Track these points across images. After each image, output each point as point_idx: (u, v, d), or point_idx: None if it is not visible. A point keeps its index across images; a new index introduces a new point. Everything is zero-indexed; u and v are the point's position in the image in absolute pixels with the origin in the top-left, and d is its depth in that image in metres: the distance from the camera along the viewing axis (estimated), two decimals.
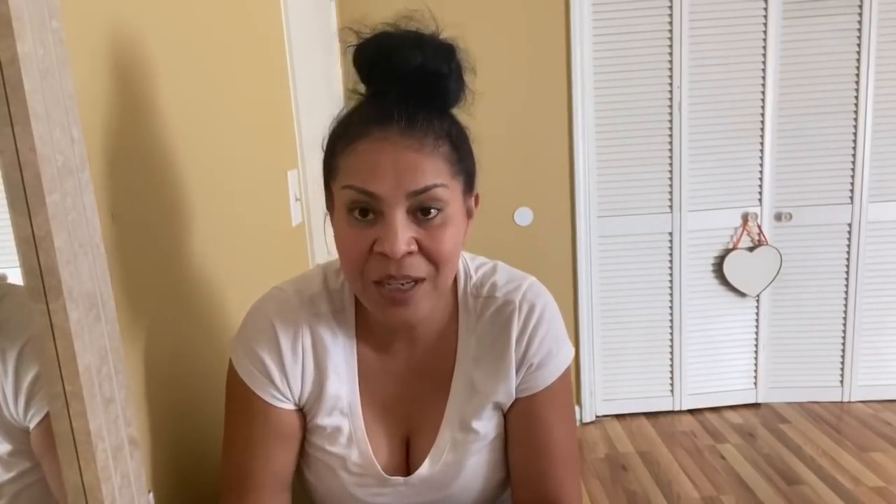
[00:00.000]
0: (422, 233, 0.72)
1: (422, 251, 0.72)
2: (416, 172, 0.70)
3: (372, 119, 0.71)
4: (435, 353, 0.85)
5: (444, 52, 0.72)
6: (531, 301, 0.83)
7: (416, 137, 0.70)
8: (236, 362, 0.82)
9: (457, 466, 0.84)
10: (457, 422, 0.84)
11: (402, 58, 0.71)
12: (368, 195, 0.70)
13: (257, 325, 0.82)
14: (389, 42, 0.72)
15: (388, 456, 0.85)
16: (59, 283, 0.58)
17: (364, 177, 0.70)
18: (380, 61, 0.72)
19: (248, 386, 0.81)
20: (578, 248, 2.87)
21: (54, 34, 0.59)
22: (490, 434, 0.85)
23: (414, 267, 0.72)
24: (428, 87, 0.72)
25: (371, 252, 0.71)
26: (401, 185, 0.69)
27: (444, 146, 0.72)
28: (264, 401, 0.81)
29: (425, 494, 0.85)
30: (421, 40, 0.72)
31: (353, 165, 0.71)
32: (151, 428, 0.82)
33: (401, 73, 0.71)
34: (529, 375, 0.83)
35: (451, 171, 0.73)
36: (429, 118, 0.72)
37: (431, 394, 0.85)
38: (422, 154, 0.70)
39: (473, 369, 0.83)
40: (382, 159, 0.70)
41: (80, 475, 0.62)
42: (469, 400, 0.84)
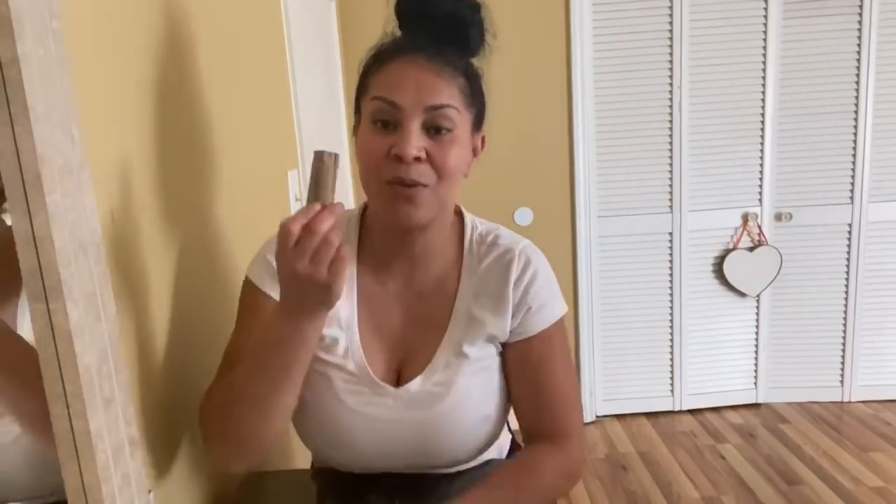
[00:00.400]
0: (432, 145, 0.82)
1: (430, 160, 0.82)
2: (434, 91, 0.82)
3: (403, 46, 0.85)
4: (438, 285, 0.93)
5: (472, 5, 0.89)
6: (528, 255, 0.92)
7: (438, 64, 0.83)
8: (250, 273, 0.90)
9: (446, 387, 0.88)
10: (451, 347, 0.89)
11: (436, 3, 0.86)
12: (391, 104, 0.81)
13: (269, 243, 0.89)
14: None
15: (383, 373, 0.90)
16: (59, 283, 0.58)
17: (390, 89, 0.82)
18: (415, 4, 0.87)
19: (257, 285, 0.88)
20: (578, 248, 2.87)
21: (54, 34, 0.59)
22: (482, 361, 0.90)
23: (421, 173, 0.82)
24: (454, 31, 0.86)
25: (388, 155, 0.81)
26: (420, 100, 0.81)
27: (460, 78, 0.85)
28: (269, 295, 0.87)
29: (414, 410, 0.88)
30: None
31: (382, 80, 0.83)
32: (151, 428, 0.82)
33: (433, 16, 0.85)
34: (526, 318, 0.90)
35: (463, 100, 0.85)
36: (451, 54, 0.85)
37: (430, 321, 0.91)
38: (441, 78, 0.83)
39: (473, 302, 0.91)
40: (407, 76, 0.82)
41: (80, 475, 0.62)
42: (466, 328, 0.90)
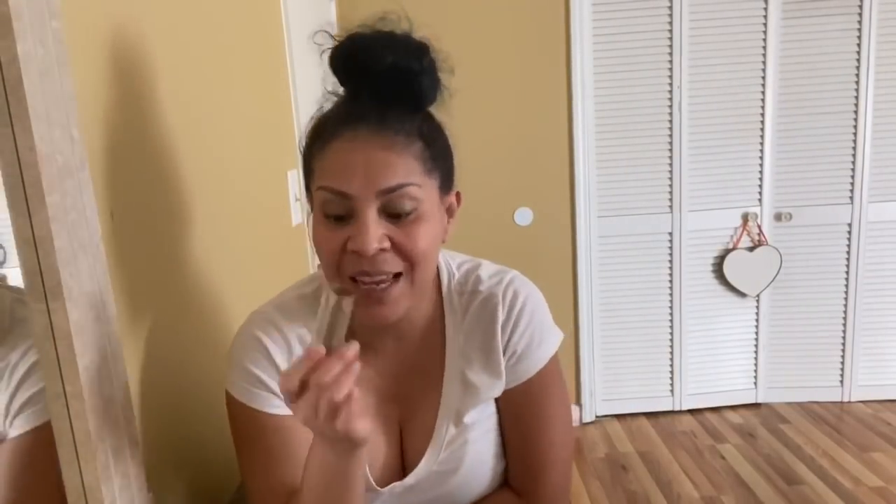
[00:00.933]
0: (395, 230, 0.72)
1: (395, 248, 0.72)
2: (387, 170, 0.70)
3: (344, 119, 0.72)
4: (423, 351, 0.85)
5: (415, 51, 0.73)
6: (514, 291, 0.84)
7: (386, 136, 0.71)
8: (234, 389, 0.80)
9: (455, 462, 0.84)
10: (451, 418, 0.84)
11: (373, 56, 0.71)
12: (340, 195, 0.71)
13: (245, 346, 0.81)
14: (362, 42, 0.73)
15: (385, 458, 0.85)
16: (59, 283, 0.58)
17: (336, 177, 0.71)
18: (352, 61, 0.73)
19: (253, 407, 0.79)
20: (578, 248, 2.87)
21: (54, 34, 0.59)
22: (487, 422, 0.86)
23: (388, 262, 0.72)
24: (400, 86, 0.72)
25: (345, 250, 0.72)
26: (371, 184, 0.70)
27: (415, 144, 0.73)
28: (272, 414, 0.79)
29: (426, 492, 0.85)
30: (392, 39, 0.72)
31: (326, 166, 0.72)
32: (151, 428, 0.82)
33: (372, 72, 0.72)
34: (514, 366, 0.84)
35: (423, 168, 0.73)
36: (400, 117, 0.72)
37: (423, 392, 0.85)
38: (392, 152, 0.71)
39: (463, 363, 0.84)
40: (353, 158, 0.70)
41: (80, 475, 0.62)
42: (463, 395, 0.84)
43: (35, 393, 0.64)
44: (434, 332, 0.85)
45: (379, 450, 0.85)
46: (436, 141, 0.76)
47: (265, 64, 1.48)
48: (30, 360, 0.64)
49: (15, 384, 0.64)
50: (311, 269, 1.71)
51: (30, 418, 0.64)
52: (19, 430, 0.64)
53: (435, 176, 0.75)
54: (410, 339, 0.84)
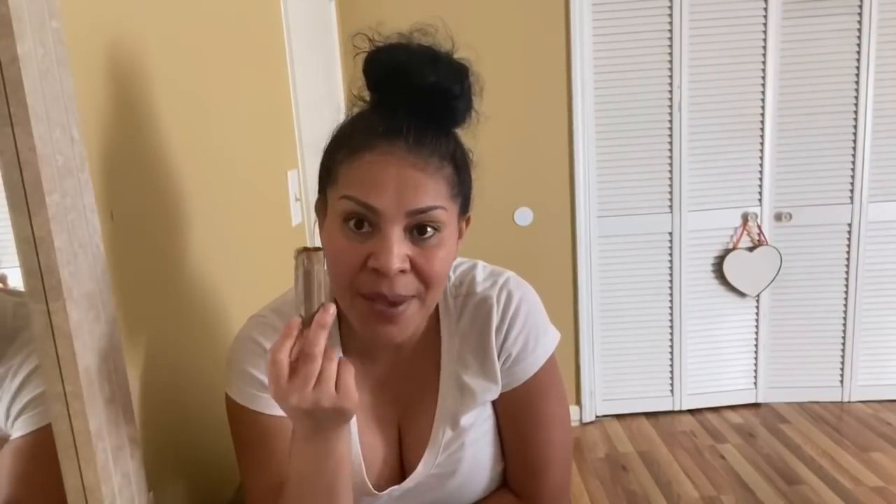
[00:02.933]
0: (416, 251, 0.71)
1: (414, 269, 0.71)
2: (419, 191, 0.69)
3: (379, 131, 0.70)
4: (419, 355, 0.84)
5: (457, 73, 0.72)
6: (509, 293, 0.83)
7: (422, 156, 0.70)
8: (233, 392, 0.80)
9: (453, 465, 0.84)
10: (448, 421, 0.84)
11: (417, 74, 0.70)
12: (368, 208, 0.69)
13: (244, 349, 0.80)
14: (405, 56, 0.71)
15: (383, 462, 0.85)
16: (59, 283, 0.58)
17: (366, 189, 0.69)
18: (393, 74, 0.71)
19: (253, 409, 0.79)
20: (578, 248, 2.87)
21: (54, 34, 0.59)
22: (484, 424, 0.86)
23: (405, 285, 0.71)
24: (438, 106, 0.72)
25: (364, 266, 0.70)
26: (402, 203, 0.69)
27: (447, 168, 0.72)
28: (273, 416, 0.78)
29: (424, 494, 0.85)
30: (436, 58, 0.71)
31: (356, 176, 0.70)
32: (151, 428, 0.82)
33: (412, 89, 0.70)
34: (510, 368, 0.83)
35: (450, 193, 0.72)
36: (436, 138, 0.72)
37: (420, 396, 0.85)
38: (426, 174, 0.70)
39: (459, 367, 0.84)
40: (386, 174, 0.69)
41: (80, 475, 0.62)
42: (459, 399, 0.83)
43: (37, 395, 0.64)
44: (430, 336, 0.84)
45: (377, 453, 0.84)
46: (464, 166, 0.76)
47: (265, 64, 1.48)
48: (32, 363, 0.64)
49: (17, 386, 0.64)
50: None
51: (31, 420, 0.65)
52: (21, 431, 0.65)
53: (458, 201, 0.75)
54: (407, 343, 0.84)
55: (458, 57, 0.74)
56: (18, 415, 0.65)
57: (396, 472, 0.86)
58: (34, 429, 0.64)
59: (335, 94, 2.39)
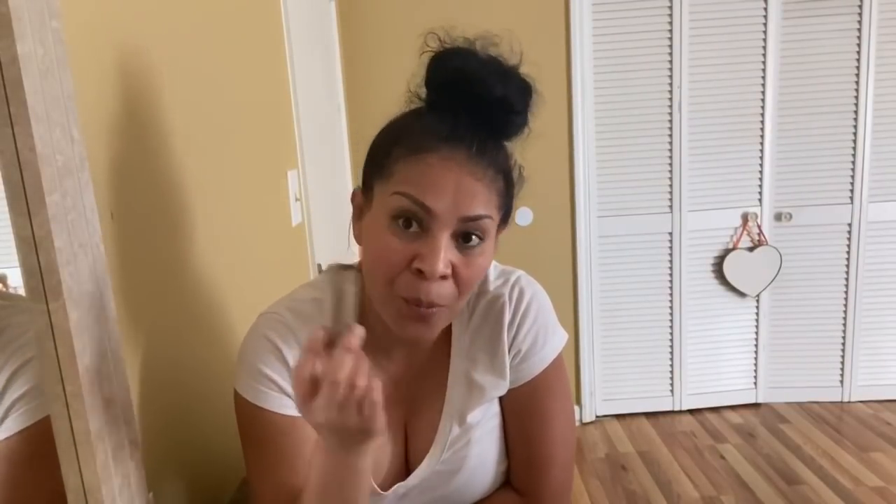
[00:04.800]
0: (459, 258, 0.72)
1: (454, 275, 0.72)
2: (474, 199, 0.71)
3: (443, 135, 0.71)
4: (430, 354, 0.85)
5: (525, 89, 0.75)
6: (521, 290, 0.84)
7: (481, 166, 0.71)
8: (244, 390, 0.79)
9: (458, 462, 0.85)
10: (455, 418, 0.84)
11: (487, 85, 0.71)
12: (423, 208, 0.70)
13: (257, 347, 0.79)
14: (475, 65, 0.72)
15: (389, 460, 0.85)
16: (59, 283, 0.58)
17: (423, 189, 0.70)
18: (460, 81, 0.72)
19: (265, 408, 0.78)
20: (578, 248, 2.87)
21: (54, 34, 0.59)
22: (490, 421, 0.86)
23: (442, 294, 0.72)
24: (500, 119, 0.73)
25: (408, 266, 0.71)
26: (457, 208, 0.70)
27: (500, 181, 0.74)
28: (284, 415, 0.78)
29: (428, 492, 0.86)
30: (506, 73, 0.73)
31: (414, 176, 0.71)
32: (151, 428, 0.82)
33: (479, 99, 0.71)
34: (518, 365, 0.84)
35: (499, 204, 0.74)
36: (496, 150, 0.74)
37: (428, 393, 0.85)
38: (482, 183, 0.71)
39: (469, 366, 0.84)
40: (446, 177, 0.70)
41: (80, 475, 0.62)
42: (467, 395, 0.84)
43: (23, 394, 0.64)
44: (441, 334, 0.84)
45: (384, 452, 0.84)
46: (514, 181, 0.79)
47: (265, 64, 1.48)
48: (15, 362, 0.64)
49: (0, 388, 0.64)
50: (311, 268, 1.71)
51: (18, 420, 0.64)
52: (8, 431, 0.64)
53: (501, 213, 0.76)
54: (422, 343, 0.84)
55: (524, 74, 0.76)
56: (4, 416, 0.64)
57: (401, 470, 0.86)
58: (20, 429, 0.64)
59: (335, 94, 2.39)
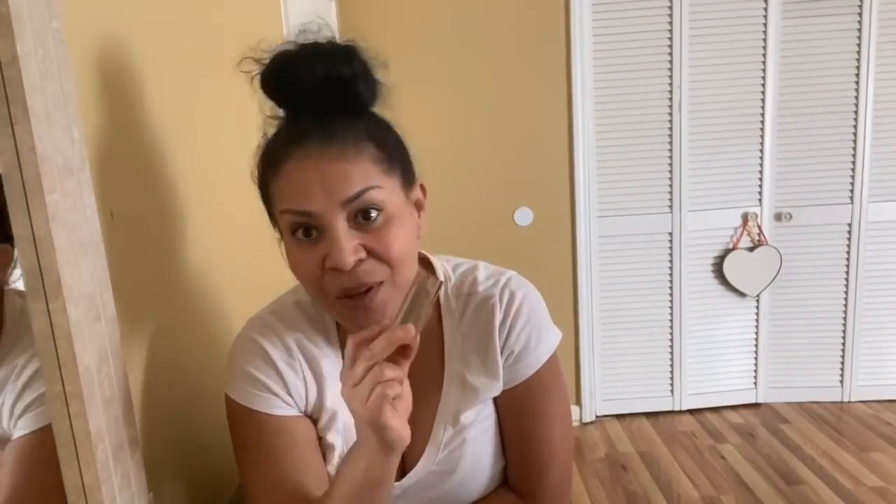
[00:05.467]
0: (367, 237, 0.71)
1: (371, 255, 0.72)
2: (344, 181, 0.69)
3: (290, 139, 0.72)
4: (422, 355, 0.84)
5: (343, 56, 0.72)
6: (511, 291, 0.84)
7: (335, 146, 0.70)
8: (235, 393, 0.80)
9: (453, 462, 0.85)
10: (449, 419, 0.84)
11: (303, 70, 0.71)
12: (305, 215, 0.70)
13: (244, 350, 0.81)
14: (288, 60, 0.72)
15: None
16: (59, 283, 0.58)
17: (296, 198, 0.70)
18: (282, 80, 0.73)
19: (255, 409, 0.79)
20: (578, 248, 2.87)
21: (54, 34, 0.59)
22: (485, 421, 0.86)
23: (368, 273, 0.71)
24: (337, 95, 0.72)
25: (323, 268, 0.71)
26: (332, 197, 0.69)
27: (367, 148, 0.72)
28: (276, 416, 0.79)
29: (424, 491, 0.85)
30: (318, 49, 0.72)
31: (283, 189, 0.72)
32: (151, 428, 0.82)
33: (307, 87, 0.71)
34: (512, 365, 0.84)
35: (380, 170, 0.72)
36: (345, 125, 0.72)
37: (422, 395, 0.84)
38: (345, 161, 0.70)
39: (462, 367, 0.84)
40: (307, 176, 0.70)
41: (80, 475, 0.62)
42: (461, 397, 0.84)
43: (40, 394, 0.64)
44: (433, 336, 0.85)
45: None
46: (387, 140, 0.75)
47: None
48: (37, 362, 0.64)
49: (21, 386, 0.65)
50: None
51: (34, 419, 0.65)
52: (23, 430, 0.65)
53: (394, 174, 0.74)
54: None
55: (341, 41, 0.74)
56: (22, 414, 0.65)
57: (397, 471, 0.86)
58: (37, 428, 0.65)
59: None
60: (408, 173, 0.78)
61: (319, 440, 0.83)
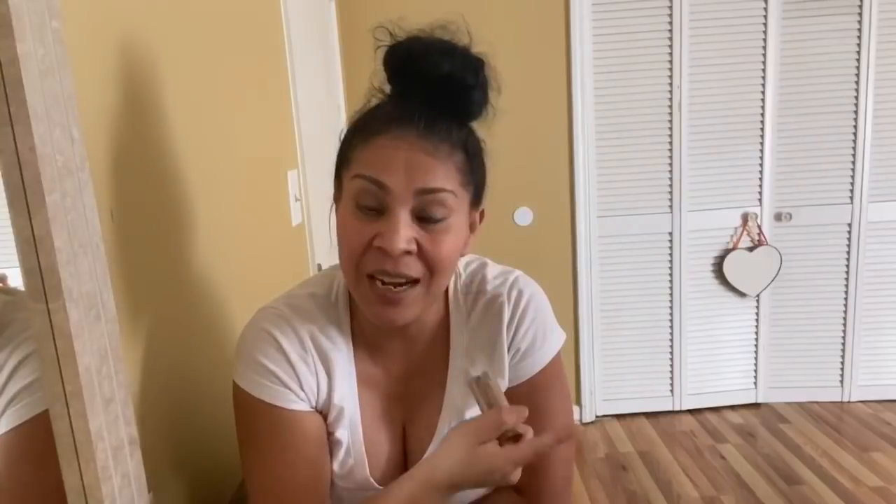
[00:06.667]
0: (423, 235, 0.72)
1: (420, 253, 0.72)
2: (428, 173, 0.71)
3: (393, 117, 0.73)
4: (429, 351, 0.85)
5: (472, 64, 0.74)
6: (519, 290, 0.85)
7: (432, 142, 0.72)
8: (243, 381, 0.78)
9: None
10: (454, 416, 0.84)
11: (431, 63, 0.72)
12: (378, 185, 0.71)
13: (257, 339, 0.79)
14: (420, 46, 0.73)
15: (388, 457, 0.85)
16: (59, 283, 0.58)
17: (377, 168, 0.71)
18: (408, 64, 0.74)
19: (266, 401, 0.77)
20: (578, 248, 2.87)
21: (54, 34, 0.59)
22: None
23: (409, 266, 0.72)
24: (452, 96, 0.74)
25: (370, 245, 0.72)
26: (411, 182, 0.70)
27: (458, 155, 0.74)
28: (286, 409, 0.78)
29: None
30: (452, 49, 0.73)
31: (368, 157, 0.72)
32: (151, 428, 0.82)
33: (427, 78, 0.72)
34: (514, 366, 0.85)
35: (461, 180, 0.74)
36: (448, 126, 0.73)
37: (427, 392, 0.85)
38: (435, 158, 0.72)
39: (468, 365, 0.84)
40: (397, 155, 0.71)
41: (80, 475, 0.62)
42: (466, 394, 0.84)
43: (22, 388, 0.64)
44: (440, 333, 0.85)
45: (382, 449, 0.85)
46: (477, 156, 0.78)
47: (265, 64, 1.48)
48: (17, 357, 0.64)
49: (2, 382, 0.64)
50: (311, 268, 1.71)
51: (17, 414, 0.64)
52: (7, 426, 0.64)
53: (469, 190, 0.77)
54: (418, 340, 0.85)
55: (474, 50, 0.76)
56: (4, 409, 0.64)
57: (400, 469, 0.86)
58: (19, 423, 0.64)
59: (335, 94, 2.39)
60: (479, 193, 0.80)
61: (328, 436, 0.82)
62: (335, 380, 0.81)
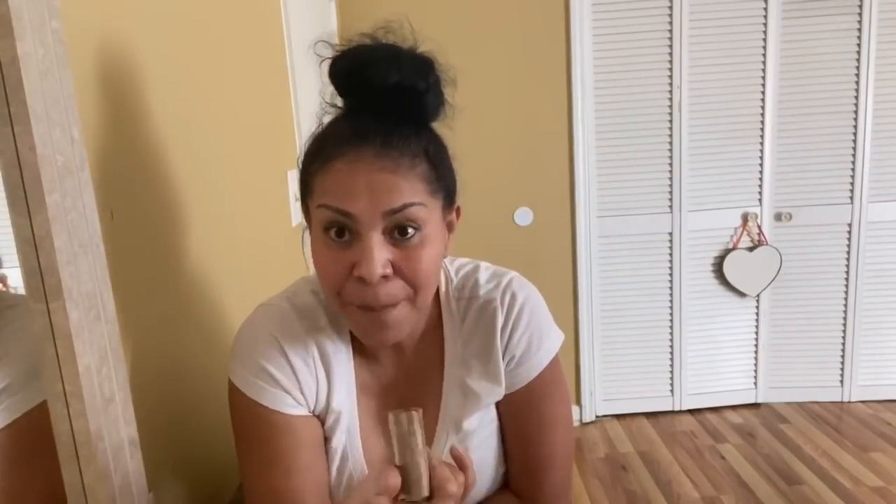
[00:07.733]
0: (398, 254, 0.70)
1: (398, 273, 0.70)
2: (392, 192, 0.68)
3: (347, 138, 0.70)
4: (422, 359, 0.84)
5: (421, 68, 0.70)
6: (513, 294, 0.82)
7: (391, 157, 0.68)
8: (241, 382, 0.77)
9: None
10: (451, 425, 0.83)
11: (378, 73, 0.68)
12: (344, 214, 0.68)
13: (258, 340, 0.78)
14: (366, 56, 0.70)
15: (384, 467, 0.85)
16: (59, 283, 0.58)
17: (339, 196, 0.68)
18: (354, 76, 0.70)
19: (264, 404, 0.76)
20: (578, 248, 2.87)
21: (54, 34, 0.59)
22: (487, 427, 0.85)
23: (391, 294, 0.70)
24: (405, 104, 0.70)
25: (350, 275, 0.70)
26: (376, 205, 0.68)
27: (420, 165, 0.71)
28: (285, 414, 0.77)
29: None
30: (398, 55, 0.70)
31: (328, 185, 0.69)
32: (151, 428, 0.82)
33: (377, 89, 0.69)
34: (510, 372, 0.83)
35: (428, 189, 0.71)
36: (405, 136, 0.70)
37: (423, 400, 0.83)
38: (397, 174, 0.68)
39: (463, 373, 0.83)
40: (357, 179, 0.68)
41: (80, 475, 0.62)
42: (463, 403, 0.83)
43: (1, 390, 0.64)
44: (433, 340, 0.84)
45: (379, 459, 0.83)
46: (440, 160, 0.74)
47: (266, 65, 1.48)
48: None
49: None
50: (310, 268, 1.70)
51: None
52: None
53: (439, 196, 0.74)
54: (410, 347, 0.83)
55: (421, 52, 0.72)
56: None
57: None
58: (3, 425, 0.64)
59: None
60: (450, 195, 0.77)
61: (325, 442, 0.81)
62: (334, 384, 0.80)
